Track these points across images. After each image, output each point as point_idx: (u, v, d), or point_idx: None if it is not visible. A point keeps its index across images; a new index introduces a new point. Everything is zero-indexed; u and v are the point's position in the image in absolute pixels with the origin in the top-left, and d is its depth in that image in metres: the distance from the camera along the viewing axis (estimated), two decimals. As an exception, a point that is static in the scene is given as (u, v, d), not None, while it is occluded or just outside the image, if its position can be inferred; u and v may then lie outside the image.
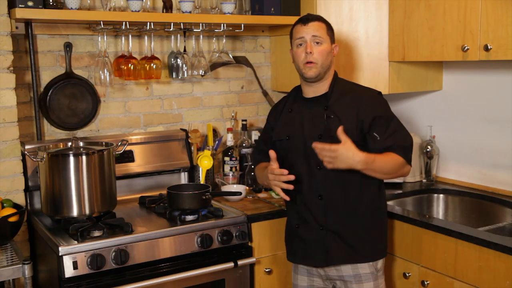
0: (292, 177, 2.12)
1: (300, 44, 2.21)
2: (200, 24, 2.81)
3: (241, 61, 3.20)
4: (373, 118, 2.14)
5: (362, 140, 2.14)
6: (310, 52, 2.17)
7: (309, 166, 2.20)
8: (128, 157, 2.76)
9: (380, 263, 2.25)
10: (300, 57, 2.20)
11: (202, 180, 2.82)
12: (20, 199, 2.45)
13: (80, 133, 2.77)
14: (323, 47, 2.19)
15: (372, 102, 2.19)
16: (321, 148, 2.02)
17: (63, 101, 2.67)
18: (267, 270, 2.56)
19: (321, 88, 2.24)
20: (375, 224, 2.25)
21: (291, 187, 2.12)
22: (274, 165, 2.14)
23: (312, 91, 2.25)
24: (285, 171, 2.11)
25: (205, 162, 2.82)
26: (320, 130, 2.18)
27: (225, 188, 2.86)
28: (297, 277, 2.34)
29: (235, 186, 2.88)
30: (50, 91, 2.63)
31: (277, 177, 2.13)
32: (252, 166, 2.54)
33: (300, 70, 2.22)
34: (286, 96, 2.41)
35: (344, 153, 2.00)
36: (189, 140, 2.94)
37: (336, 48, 2.27)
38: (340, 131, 2.03)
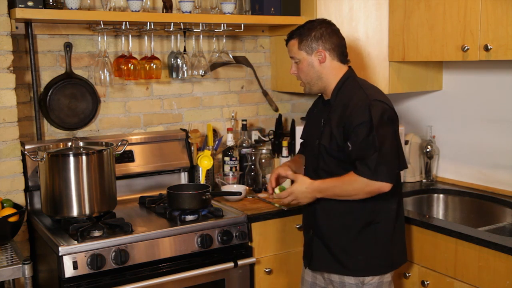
0: (269, 189, 2.36)
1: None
2: (200, 24, 2.81)
3: (241, 61, 3.19)
4: (348, 128, 2.06)
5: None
6: (294, 73, 2.23)
7: (309, 169, 2.25)
8: (128, 157, 2.76)
9: (368, 278, 2.13)
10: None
11: (202, 180, 2.82)
12: (20, 199, 2.45)
13: (80, 133, 2.77)
14: (301, 65, 2.19)
15: (356, 111, 2.06)
16: (279, 197, 2.24)
17: (63, 101, 2.66)
18: (267, 270, 2.56)
19: (329, 93, 2.23)
20: (365, 238, 2.13)
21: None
22: (279, 169, 2.37)
23: (325, 95, 2.26)
24: (271, 181, 2.36)
25: (205, 162, 2.82)
26: (318, 136, 2.21)
27: (225, 188, 2.86)
28: (305, 270, 2.36)
29: (235, 186, 2.88)
30: (50, 91, 2.62)
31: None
32: None
33: None
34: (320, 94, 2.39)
35: (299, 189, 2.16)
36: (189, 140, 2.94)
37: (321, 54, 2.15)
38: (282, 173, 2.31)
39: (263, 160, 3.19)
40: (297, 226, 2.63)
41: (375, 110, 2.04)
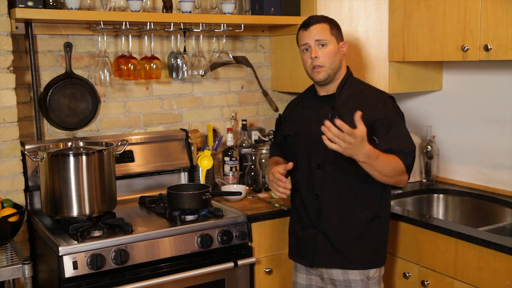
0: (288, 187, 2.12)
1: (306, 50, 2.19)
2: (200, 24, 2.81)
3: (241, 61, 3.19)
4: (374, 121, 2.07)
5: None
6: (316, 57, 2.14)
7: (309, 164, 2.21)
8: (128, 157, 2.76)
9: (372, 272, 2.18)
10: (307, 63, 2.19)
11: (202, 180, 2.82)
12: (20, 199, 2.45)
13: (80, 133, 2.77)
14: (329, 49, 2.15)
15: (377, 105, 2.12)
16: (339, 125, 1.83)
17: (63, 101, 2.67)
18: (267, 270, 2.56)
19: (332, 87, 2.22)
20: (371, 232, 2.18)
21: (283, 196, 2.16)
22: (279, 168, 2.15)
23: (324, 90, 2.24)
24: (284, 178, 2.12)
25: (205, 162, 2.82)
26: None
27: (225, 188, 2.86)
28: (297, 274, 2.33)
29: (235, 186, 2.88)
30: (50, 91, 2.63)
31: (275, 181, 2.15)
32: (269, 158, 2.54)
33: (309, 75, 2.21)
34: (303, 92, 2.40)
35: (359, 141, 1.86)
36: (189, 140, 2.94)
37: (345, 46, 2.23)
38: (358, 118, 1.86)
39: (263, 160, 3.19)
40: (297, 226, 2.63)
41: (395, 106, 2.16)
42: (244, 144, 3.06)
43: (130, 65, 2.69)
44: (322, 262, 2.21)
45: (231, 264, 2.40)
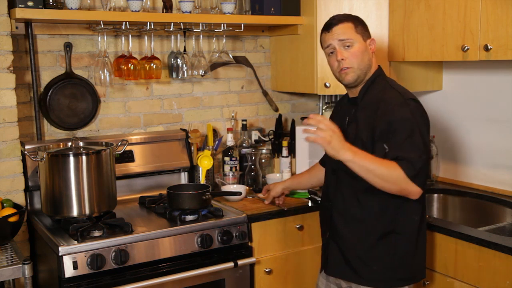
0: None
1: (332, 52, 2.07)
2: (200, 24, 2.81)
3: (241, 61, 3.19)
4: (384, 127, 1.93)
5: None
6: (342, 59, 2.02)
7: (329, 169, 2.19)
8: (128, 157, 2.76)
9: None
10: (334, 66, 2.08)
11: (202, 180, 2.82)
12: (20, 199, 2.45)
13: (80, 133, 2.77)
14: (355, 48, 2.02)
15: (389, 111, 1.94)
16: (318, 120, 1.88)
17: (63, 101, 2.67)
18: (267, 270, 2.56)
19: (358, 90, 2.10)
20: (383, 248, 2.01)
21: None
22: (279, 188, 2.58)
23: (352, 92, 2.14)
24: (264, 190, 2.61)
25: (205, 162, 2.82)
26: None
27: (225, 188, 2.86)
28: (320, 278, 2.30)
29: (235, 186, 2.88)
30: (50, 91, 2.62)
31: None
32: None
33: (338, 77, 2.10)
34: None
35: (337, 130, 1.87)
36: (189, 140, 2.94)
37: (373, 43, 2.09)
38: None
39: (263, 160, 3.20)
40: (297, 226, 2.63)
41: (414, 109, 1.96)
42: (244, 144, 3.06)
43: (130, 65, 2.69)
44: (333, 271, 2.15)
45: (231, 264, 2.39)
